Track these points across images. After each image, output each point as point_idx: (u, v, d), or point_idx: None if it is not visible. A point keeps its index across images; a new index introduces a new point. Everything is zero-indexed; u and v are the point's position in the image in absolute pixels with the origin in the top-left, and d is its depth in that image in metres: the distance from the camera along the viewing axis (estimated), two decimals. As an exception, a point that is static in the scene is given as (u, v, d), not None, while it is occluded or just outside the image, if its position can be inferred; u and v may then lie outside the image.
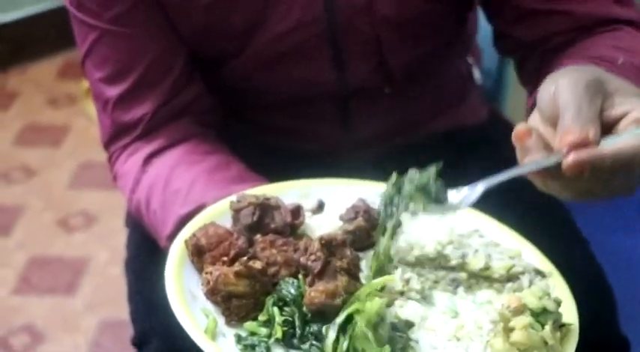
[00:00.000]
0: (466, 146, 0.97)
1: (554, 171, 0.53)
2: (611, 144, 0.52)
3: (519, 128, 0.55)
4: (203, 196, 0.73)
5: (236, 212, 0.67)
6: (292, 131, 0.93)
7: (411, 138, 0.95)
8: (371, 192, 0.72)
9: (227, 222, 0.66)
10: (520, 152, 0.54)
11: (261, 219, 0.66)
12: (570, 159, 0.51)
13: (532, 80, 0.79)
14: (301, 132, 0.93)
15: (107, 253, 1.77)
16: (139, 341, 0.83)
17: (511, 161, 0.99)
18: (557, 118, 0.53)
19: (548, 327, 0.57)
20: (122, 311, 0.96)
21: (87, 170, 2.06)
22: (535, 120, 0.57)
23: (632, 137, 0.53)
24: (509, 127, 1.00)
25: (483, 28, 1.01)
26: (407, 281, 0.64)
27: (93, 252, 1.79)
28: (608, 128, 0.54)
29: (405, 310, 0.62)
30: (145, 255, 0.85)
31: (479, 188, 0.61)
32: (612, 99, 0.56)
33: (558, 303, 0.60)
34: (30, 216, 1.91)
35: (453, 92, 0.98)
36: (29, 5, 2.44)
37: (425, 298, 0.63)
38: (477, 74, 1.03)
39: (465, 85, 1.00)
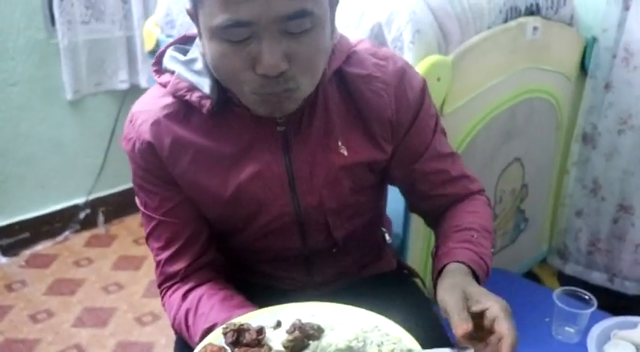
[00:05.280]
0: (384, 285, 1.25)
1: None
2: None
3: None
4: (217, 317, 0.99)
5: (224, 335, 0.91)
6: (273, 276, 1.19)
7: (351, 281, 1.23)
8: (312, 309, 0.97)
9: (222, 340, 0.92)
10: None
11: (237, 338, 0.90)
12: None
13: (433, 227, 1.17)
14: (279, 277, 1.19)
15: None
16: None
17: (411, 293, 1.29)
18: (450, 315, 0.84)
19: None
20: None
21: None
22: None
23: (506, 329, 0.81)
24: (411, 271, 1.34)
25: (392, 206, 1.32)
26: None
27: None
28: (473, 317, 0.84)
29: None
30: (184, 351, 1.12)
31: None
32: (472, 299, 0.86)
33: None
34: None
35: (373, 251, 1.27)
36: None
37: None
38: (388, 237, 1.31)
39: (381, 246, 1.29)
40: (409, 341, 0.92)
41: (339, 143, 1.04)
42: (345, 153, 1.05)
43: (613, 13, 1.95)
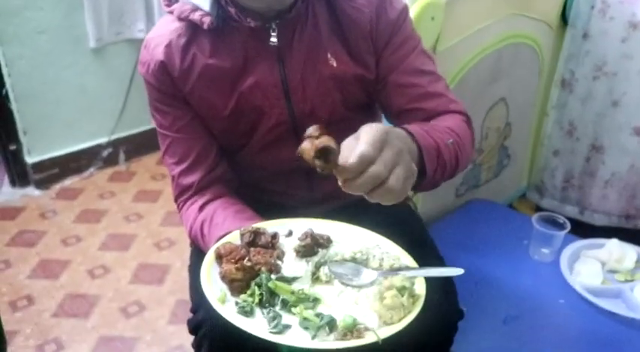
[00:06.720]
0: (381, 207, 1.17)
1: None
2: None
3: None
4: (230, 227, 0.99)
5: (242, 236, 0.92)
6: (278, 192, 1.19)
7: (347, 201, 1.11)
8: (319, 224, 0.98)
9: (238, 241, 0.92)
10: None
11: (254, 240, 0.91)
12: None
13: None
14: (283, 193, 1.19)
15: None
16: (195, 328, 1.00)
17: (406, 215, 1.24)
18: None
19: (405, 296, 0.80)
20: None
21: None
22: None
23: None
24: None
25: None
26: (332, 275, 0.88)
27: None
28: None
29: (332, 288, 0.87)
30: (198, 260, 1.03)
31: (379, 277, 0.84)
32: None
33: (412, 283, 0.83)
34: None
35: None
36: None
37: (344, 283, 0.88)
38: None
39: None
40: (407, 259, 0.92)
41: (329, 55, 1.05)
42: (334, 65, 1.05)
43: (593, -34, 1.91)
